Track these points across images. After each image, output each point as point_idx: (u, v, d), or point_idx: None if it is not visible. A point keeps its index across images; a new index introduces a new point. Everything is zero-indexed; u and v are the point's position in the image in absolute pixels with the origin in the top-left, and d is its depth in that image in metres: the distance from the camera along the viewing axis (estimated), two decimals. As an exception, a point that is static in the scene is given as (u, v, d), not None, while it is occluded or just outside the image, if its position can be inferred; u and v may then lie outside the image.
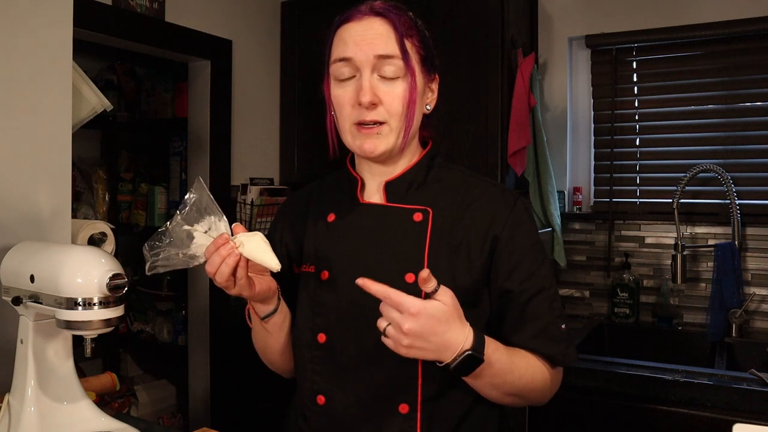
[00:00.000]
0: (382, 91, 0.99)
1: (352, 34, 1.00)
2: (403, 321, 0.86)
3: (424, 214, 1.03)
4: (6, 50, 1.26)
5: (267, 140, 2.59)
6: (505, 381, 0.97)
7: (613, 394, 1.69)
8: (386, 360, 0.98)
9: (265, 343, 1.12)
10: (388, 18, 1.00)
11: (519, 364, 0.98)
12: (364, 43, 0.98)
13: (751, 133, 2.20)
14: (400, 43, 0.99)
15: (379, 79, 0.99)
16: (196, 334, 2.42)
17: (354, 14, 1.01)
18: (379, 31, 0.99)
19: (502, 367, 0.95)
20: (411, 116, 1.01)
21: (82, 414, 1.10)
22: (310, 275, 1.07)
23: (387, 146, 1.01)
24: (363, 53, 0.98)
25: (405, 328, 0.86)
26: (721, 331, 2.08)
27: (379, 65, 0.98)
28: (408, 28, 1.01)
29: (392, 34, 0.99)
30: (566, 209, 2.46)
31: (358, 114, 1.00)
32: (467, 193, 1.06)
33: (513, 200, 1.05)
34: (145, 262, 0.93)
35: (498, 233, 1.02)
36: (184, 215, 0.93)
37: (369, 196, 1.09)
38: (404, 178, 1.07)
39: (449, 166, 1.12)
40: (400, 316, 0.86)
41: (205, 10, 2.30)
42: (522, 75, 2.15)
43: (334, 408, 1.03)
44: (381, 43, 0.98)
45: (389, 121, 1.00)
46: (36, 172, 1.31)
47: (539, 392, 1.02)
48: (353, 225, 1.06)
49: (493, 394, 0.99)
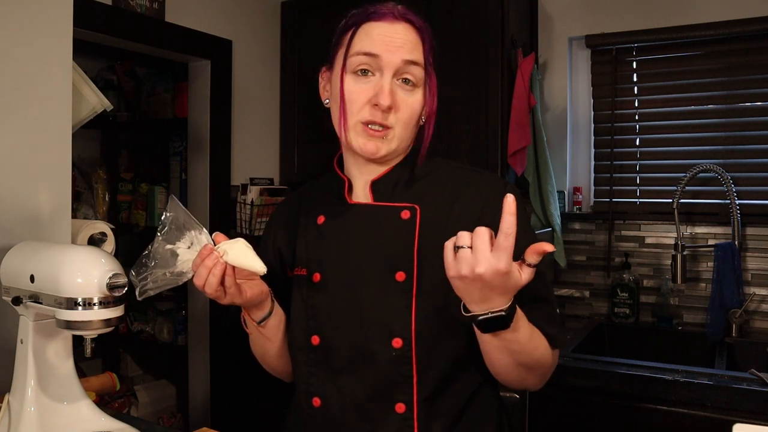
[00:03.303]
0: (399, 97, 0.99)
1: (381, 33, 0.99)
2: (485, 263, 0.79)
3: (412, 211, 1.03)
4: (6, 50, 1.26)
5: (267, 140, 2.59)
6: (526, 345, 0.93)
7: (613, 394, 1.69)
8: (380, 360, 0.98)
9: (263, 348, 1.12)
10: (413, 26, 1.01)
11: (534, 330, 0.96)
12: (393, 45, 0.98)
13: (751, 133, 2.20)
14: (426, 54, 1.01)
15: (398, 84, 1.00)
16: (196, 334, 2.42)
17: (384, 15, 1.01)
18: (406, 37, 1.00)
19: (523, 331, 0.92)
20: (416, 126, 1.03)
21: (82, 414, 1.10)
22: (303, 278, 1.07)
23: (389, 150, 1.01)
24: (391, 54, 0.98)
25: (478, 271, 0.80)
26: (721, 331, 2.08)
27: (402, 70, 0.99)
28: (428, 40, 1.03)
29: (419, 45, 1.01)
30: (566, 209, 2.46)
31: (370, 114, 0.99)
32: (455, 186, 1.05)
33: (501, 187, 1.04)
34: (135, 289, 0.93)
35: (488, 222, 1.00)
36: (165, 235, 0.94)
37: (357, 197, 1.08)
38: (390, 177, 1.06)
39: (435, 159, 1.10)
40: (488, 259, 0.79)
41: (205, 10, 2.30)
42: (522, 75, 2.15)
43: (331, 410, 1.03)
44: (408, 49, 0.99)
45: (395, 127, 1.00)
46: (36, 172, 1.31)
47: (543, 369, 1.00)
48: (342, 226, 1.06)
49: (506, 360, 0.95)
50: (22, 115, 1.29)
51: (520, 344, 0.93)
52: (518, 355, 0.94)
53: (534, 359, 0.97)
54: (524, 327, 0.93)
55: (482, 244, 0.80)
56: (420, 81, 1.00)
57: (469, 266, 0.80)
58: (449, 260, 0.83)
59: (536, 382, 1.03)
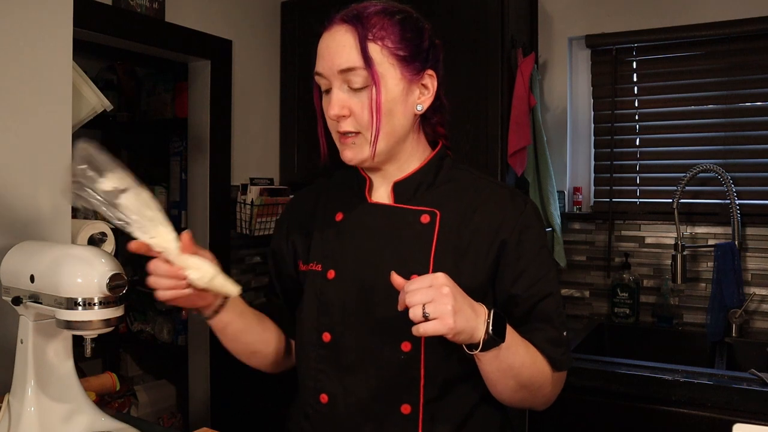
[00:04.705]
0: (352, 102, 0.98)
1: (322, 47, 1.00)
2: (440, 287, 0.84)
3: (432, 216, 1.02)
4: (6, 50, 1.26)
5: (267, 140, 2.59)
6: (524, 364, 0.95)
7: (613, 394, 1.69)
8: (389, 362, 0.99)
9: (233, 349, 1.12)
10: (351, 24, 0.97)
11: (530, 349, 0.98)
12: (328, 58, 0.98)
13: (751, 133, 2.20)
14: (362, 51, 0.95)
15: (348, 90, 0.98)
16: (196, 334, 2.42)
17: (327, 23, 1.01)
18: (340, 43, 0.97)
19: (518, 348, 0.94)
20: (379, 123, 0.98)
21: (82, 414, 1.10)
22: (317, 273, 1.06)
23: (363, 155, 1.01)
24: (328, 68, 0.98)
25: (445, 292, 0.84)
26: (721, 331, 2.08)
27: (344, 77, 0.97)
28: (379, 29, 0.97)
29: (353, 43, 0.96)
30: (566, 209, 2.46)
31: (335, 125, 1.01)
32: (476, 196, 1.05)
33: (522, 204, 1.05)
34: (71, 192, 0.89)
35: (506, 237, 1.01)
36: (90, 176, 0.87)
37: (377, 197, 1.08)
38: (412, 179, 1.06)
39: (459, 166, 1.11)
40: (435, 287, 0.84)
41: (205, 10, 2.30)
42: (522, 75, 2.15)
43: (337, 407, 1.03)
44: (343, 56, 0.96)
45: (362, 131, 1.00)
46: (36, 172, 1.31)
47: (545, 389, 1.01)
48: (361, 225, 1.06)
49: (510, 384, 0.96)
50: (22, 115, 1.29)
51: (517, 357, 0.94)
52: (518, 374, 0.95)
53: (532, 380, 0.98)
54: (519, 346, 0.95)
55: (423, 290, 0.85)
56: (363, 81, 0.96)
57: (441, 301, 0.84)
58: (437, 322, 0.84)
59: (541, 399, 1.04)
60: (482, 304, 0.90)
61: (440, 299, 0.83)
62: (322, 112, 1.05)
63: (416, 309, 0.84)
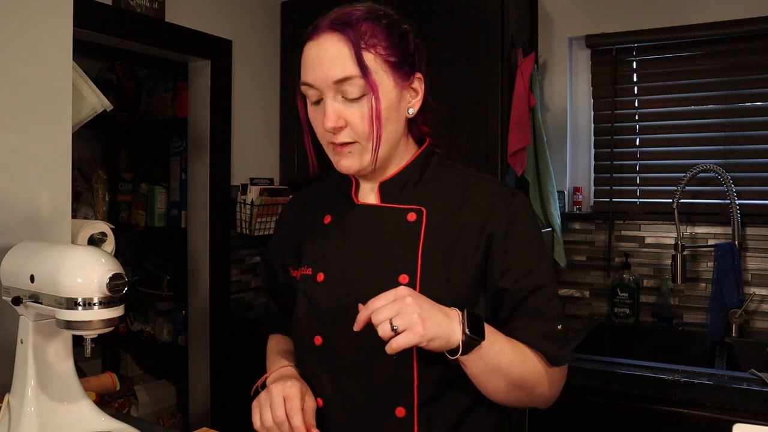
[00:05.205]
0: (347, 113, 0.96)
1: (311, 57, 0.96)
2: (403, 300, 0.85)
3: (418, 213, 1.02)
4: (6, 50, 1.26)
5: (267, 140, 2.59)
6: (512, 363, 0.94)
7: (613, 394, 1.69)
8: (382, 363, 0.98)
9: None
10: (343, 33, 0.94)
11: (518, 347, 0.96)
12: (320, 69, 0.94)
13: (751, 133, 2.20)
14: (358, 60, 0.93)
15: (343, 101, 0.96)
16: (196, 334, 2.42)
17: (312, 32, 0.98)
18: (333, 53, 0.94)
19: (502, 347, 0.93)
20: (380, 132, 0.97)
21: (82, 414, 1.10)
22: (308, 277, 1.06)
23: (362, 164, 1.00)
24: (320, 79, 0.95)
25: (409, 302, 0.84)
26: (721, 331, 2.08)
27: (339, 88, 0.95)
28: (370, 36, 0.95)
29: (348, 53, 0.93)
30: (566, 209, 2.46)
31: (329, 136, 0.99)
32: (464, 191, 1.04)
33: (510, 196, 1.03)
34: None
35: (493, 230, 1.00)
36: None
37: (364, 197, 1.08)
38: (398, 178, 1.05)
39: (446, 163, 1.10)
40: (399, 299, 0.85)
41: (205, 10, 2.30)
42: (522, 75, 2.15)
43: (332, 411, 1.03)
44: (337, 67, 0.93)
45: (359, 140, 0.98)
46: (36, 172, 1.31)
47: (542, 387, 1.00)
48: (348, 226, 1.05)
49: (501, 384, 0.95)
50: (22, 115, 1.29)
51: (504, 356, 0.93)
52: (508, 374, 0.94)
53: (524, 379, 0.97)
54: (504, 345, 0.94)
55: (386, 306, 0.85)
56: (360, 90, 0.95)
57: (407, 313, 0.84)
58: (409, 334, 0.84)
59: (540, 397, 1.02)
60: (455, 307, 0.90)
61: (405, 310, 0.84)
62: (308, 123, 1.03)
63: (384, 326, 0.83)
